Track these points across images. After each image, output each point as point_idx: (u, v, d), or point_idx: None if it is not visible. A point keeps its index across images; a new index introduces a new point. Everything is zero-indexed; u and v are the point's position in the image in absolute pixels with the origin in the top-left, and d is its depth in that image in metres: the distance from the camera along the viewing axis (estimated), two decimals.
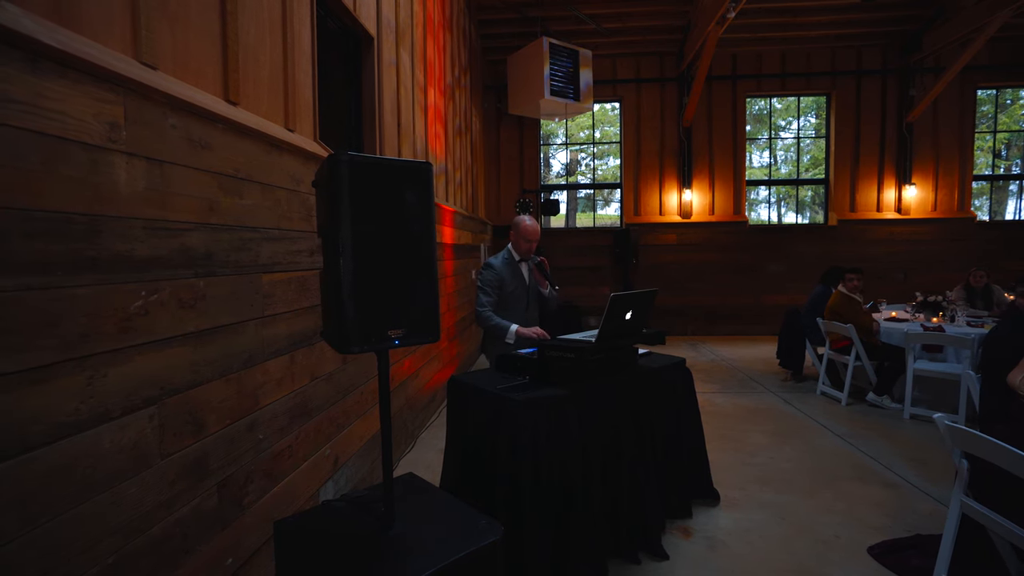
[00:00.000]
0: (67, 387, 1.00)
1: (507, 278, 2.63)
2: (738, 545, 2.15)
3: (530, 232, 2.64)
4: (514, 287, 2.64)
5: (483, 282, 2.62)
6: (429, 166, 1.44)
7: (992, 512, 1.60)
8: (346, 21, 2.71)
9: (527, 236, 2.64)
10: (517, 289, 2.66)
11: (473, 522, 1.53)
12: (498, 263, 2.65)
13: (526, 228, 2.64)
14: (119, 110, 1.14)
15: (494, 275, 2.60)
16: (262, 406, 1.67)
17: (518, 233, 2.67)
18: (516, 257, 2.70)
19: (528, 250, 2.67)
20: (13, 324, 0.91)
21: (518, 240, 2.67)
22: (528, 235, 2.64)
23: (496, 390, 1.92)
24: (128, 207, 1.16)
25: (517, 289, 2.66)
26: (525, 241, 2.65)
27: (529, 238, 2.64)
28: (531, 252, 2.69)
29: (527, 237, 2.64)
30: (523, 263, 2.72)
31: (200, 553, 1.37)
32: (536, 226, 2.68)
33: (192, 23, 1.44)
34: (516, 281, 2.66)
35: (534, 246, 2.68)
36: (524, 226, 2.64)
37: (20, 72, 0.93)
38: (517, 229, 2.67)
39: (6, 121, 0.90)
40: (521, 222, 2.66)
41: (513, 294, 2.64)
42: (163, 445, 1.25)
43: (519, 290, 2.67)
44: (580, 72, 6.30)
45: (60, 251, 0.99)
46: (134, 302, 1.17)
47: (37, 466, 0.94)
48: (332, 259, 1.32)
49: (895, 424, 3.64)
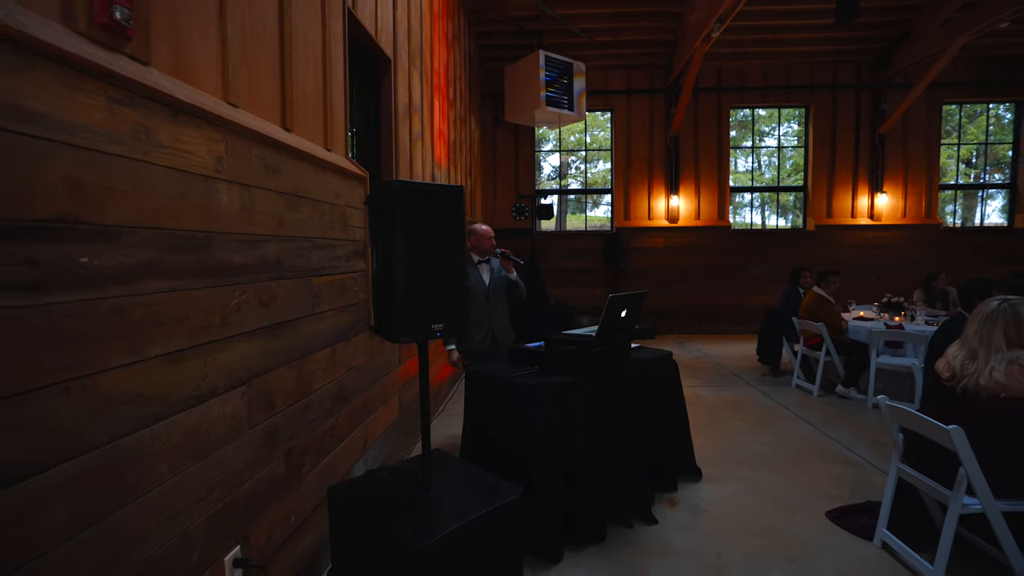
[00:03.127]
0: (193, 367, 1.28)
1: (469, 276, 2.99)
2: (717, 512, 2.48)
3: (484, 233, 3.08)
4: (474, 285, 3.00)
5: None
6: (461, 189, 1.74)
7: (920, 475, 1.95)
8: (368, 46, 2.99)
9: (484, 236, 3.07)
10: (477, 288, 3.02)
11: (496, 485, 1.83)
12: None
13: (481, 231, 3.08)
14: (222, 146, 1.42)
15: None
16: (314, 390, 1.94)
17: (476, 236, 3.08)
18: (475, 258, 3.08)
19: (491, 247, 3.08)
20: (162, 318, 1.18)
21: (479, 243, 3.06)
22: (484, 235, 3.07)
23: (511, 377, 2.22)
24: (228, 224, 1.44)
25: (477, 288, 3.02)
26: (486, 239, 3.06)
27: (486, 237, 3.07)
28: (494, 248, 3.09)
29: (484, 236, 3.07)
30: (482, 264, 3.08)
31: (272, 509, 1.65)
32: (489, 228, 3.14)
33: (261, 65, 1.72)
34: (475, 280, 3.02)
35: (493, 242, 3.09)
36: (479, 231, 3.09)
37: (165, 123, 1.21)
38: (473, 234, 3.08)
39: (158, 162, 1.18)
40: (476, 229, 3.10)
41: (474, 292, 2.99)
42: (250, 418, 1.53)
43: (478, 289, 3.03)
44: (574, 83, 6.62)
45: (189, 261, 1.27)
46: (232, 301, 1.45)
47: (177, 428, 1.22)
48: (385, 266, 1.62)
49: (860, 413, 4.03)
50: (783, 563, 2.05)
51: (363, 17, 2.74)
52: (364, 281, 2.50)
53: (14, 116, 0.85)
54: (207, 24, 1.42)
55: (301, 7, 1.97)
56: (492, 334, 3.05)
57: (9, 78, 0.84)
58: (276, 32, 1.81)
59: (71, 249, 0.95)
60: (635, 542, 2.22)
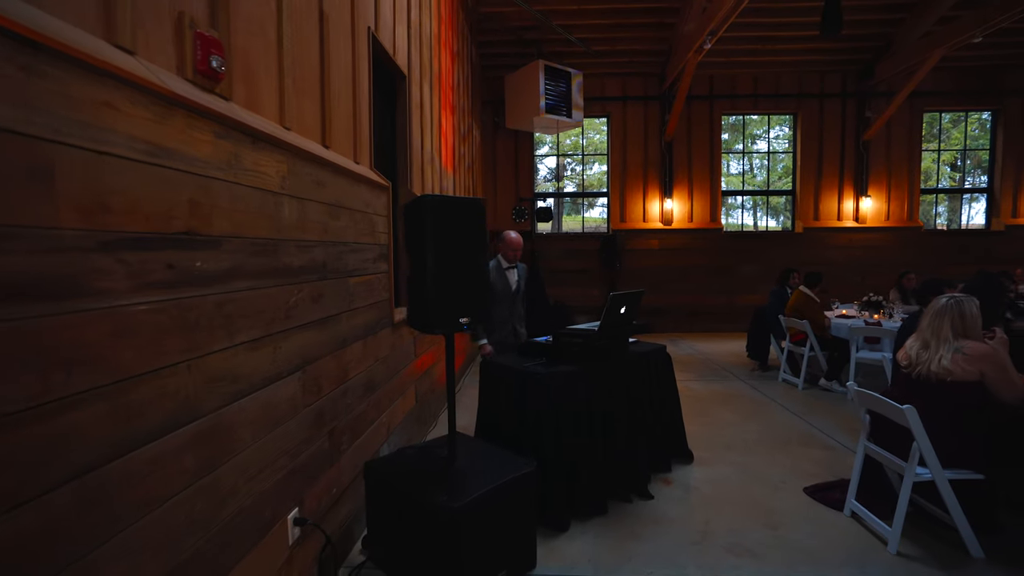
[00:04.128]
0: (266, 353, 1.53)
1: (496, 280, 3.20)
2: (707, 489, 2.75)
3: (511, 244, 3.23)
4: (501, 288, 3.21)
5: None
6: (483, 201, 1.99)
7: (883, 450, 2.23)
8: (386, 64, 3.23)
9: (512, 246, 3.23)
10: (504, 291, 3.22)
11: (513, 459, 2.09)
12: (491, 268, 3.23)
13: (510, 240, 3.24)
14: (285, 166, 1.66)
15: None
16: (350, 378, 2.19)
17: (505, 244, 3.24)
18: (504, 264, 3.26)
19: (515, 257, 3.25)
20: (246, 311, 1.43)
21: (505, 250, 3.24)
22: (512, 245, 3.23)
23: (523, 367, 2.48)
24: (288, 232, 1.68)
25: (504, 291, 3.22)
26: (511, 250, 3.22)
27: (511, 248, 3.23)
28: (517, 259, 3.27)
29: (510, 246, 3.23)
30: (511, 269, 3.27)
31: (319, 481, 1.89)
32: (518, 239, 3.27)
33: (306, 90, 1.96)
34: (502, 284, 3.23)
35: (517, 253, 3.25)
36: (509, 239, 3.24)
37: (248, 149, 1.45)
38: (503, 241, 3.25)
39: (244, 182, 1.42)
40: (506, 235, 3.26)
41: (501, 293, 3.20)
42: (304, 399, 1.77)
43: (505, 292, 3.23)
44: (572, 91, 6.90)
45: (264, 263, 1.52)
46: (292, 297, 1.69)
47: (256, 403, 1.47)
48: (420, 268, 1.87)
49: (840, 404, 4.32)
50: (764, 529, 2.32)
51: (383, 38, 2.98)
52: (387, 281, 2.75)
53: (158, 153, 1.09)
54: (269, 58, 1.67)
55: (336, 34, 2.22)
56: (514, 330, 3.32)
57: (159, 124, 1.09)
58: (317, 59, 2.06)
59: (191, 256, 1.20)
60: (634, 514, 2.48)
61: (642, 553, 2.16)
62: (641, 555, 2.14)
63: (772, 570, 2.02)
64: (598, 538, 2.28)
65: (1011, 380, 2.01)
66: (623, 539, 2.27)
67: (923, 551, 2.12)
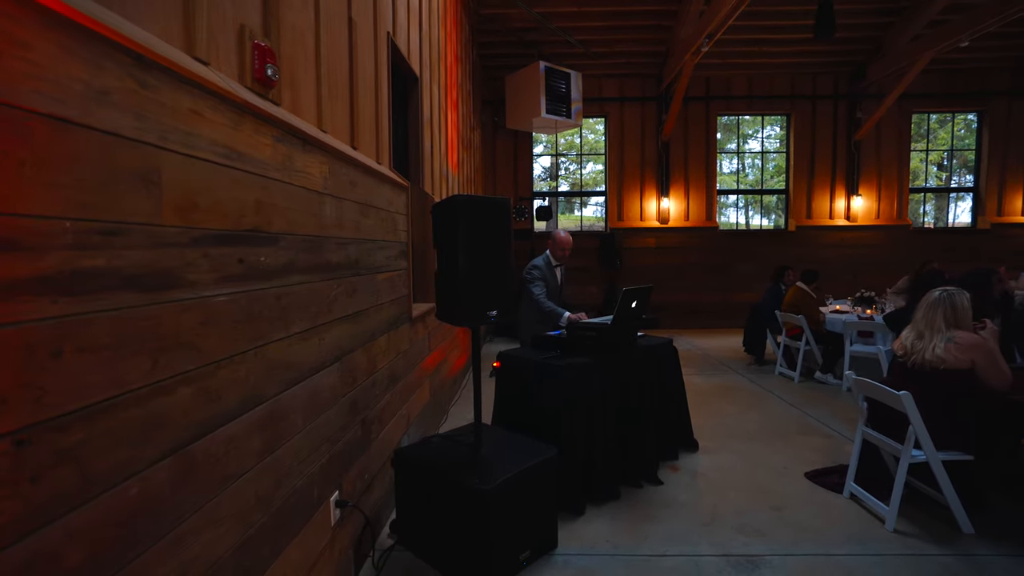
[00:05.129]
0: (313, 344, 1.62)
1: (547, 276, 3.41)
2: (713, 475, 2.88)
3: (560, 243, 3.43)
4: (551, 284, 3.42)
5: (534, 277, 3.37)
6: (508, 200, 2.09)
7: (879, 434, 2.37)
8: (401, 67, 3.32)
9: (561, 245, 3.43)
10: (551, 286, 3.43)
11: (535, 444, 2.20)
12: (542, 264, 3.46)
13: (560, 239, 3.44)
14: (327, 168, 1.75)
15: (541, 273, 3.40)
16: (377, 369, 2.29)
17: (555, 243, 3.44)
18: (553, 262, 3.46)
19: (563, 257, 3.45)
20: (298, 304, 1.52)
21: (555, 248, 3.45)
22: (562, 244, 3.43)
23: (540, 359, 2.59)
24: (330, 230, 1.77)
25: (551, 286, 3.43)
26: (560, 249, 3.43)
27: (560, 248, 3.43)
28: (565, 258, 3.46)
29: (559, 247, 3.43)
30: (557, 268, 3.46)
31: (354, 467, 1.99)
32: (568, 238, 3.47)
33: (338, 95, 2.05)
34: (552, 280, 3.44)
35: (565, 253, 3.45)
36: (559, 238, 3.44)
37: (299, 152, 1.54)
38: (553, 240, 3.44)
39: (296, 183, 1.52)
40: (556, 235, 3.45)
41: (551, 288, 3.40)
42: (342, 388, 1.87)
43: (553, 287, 3.45)
44: (571, 92, 7.01)
45: (312, 259, 1.61)
46: (332, 292, 1.78)
47: (306, 390, 1.56)
48: (451, 264, 1.97)
49: (835, 395, 4.49)
50: (768, 511, 2.45)
51: (400, 42, 3.07)
52: (407, 278, 2.84)
53: (232, 156, 1.19)
54: (309, 66, 1.75)
55: (362, 41, 2.31)
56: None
57: (233, 130, 1.18)
58: (347, 65, 2.15)
59: (256, 251, 1.29)
60: (645, 499, 2.60)
61: (656, 533, 2.28)
62: (656, 535, 2.26)
63: (779, 546, 2.15)
64: (614, 520, 2.40)
65: (1000, 368, 2.15)
66: (637, 521, 2.39)
67: (918, 528, 2.27)
